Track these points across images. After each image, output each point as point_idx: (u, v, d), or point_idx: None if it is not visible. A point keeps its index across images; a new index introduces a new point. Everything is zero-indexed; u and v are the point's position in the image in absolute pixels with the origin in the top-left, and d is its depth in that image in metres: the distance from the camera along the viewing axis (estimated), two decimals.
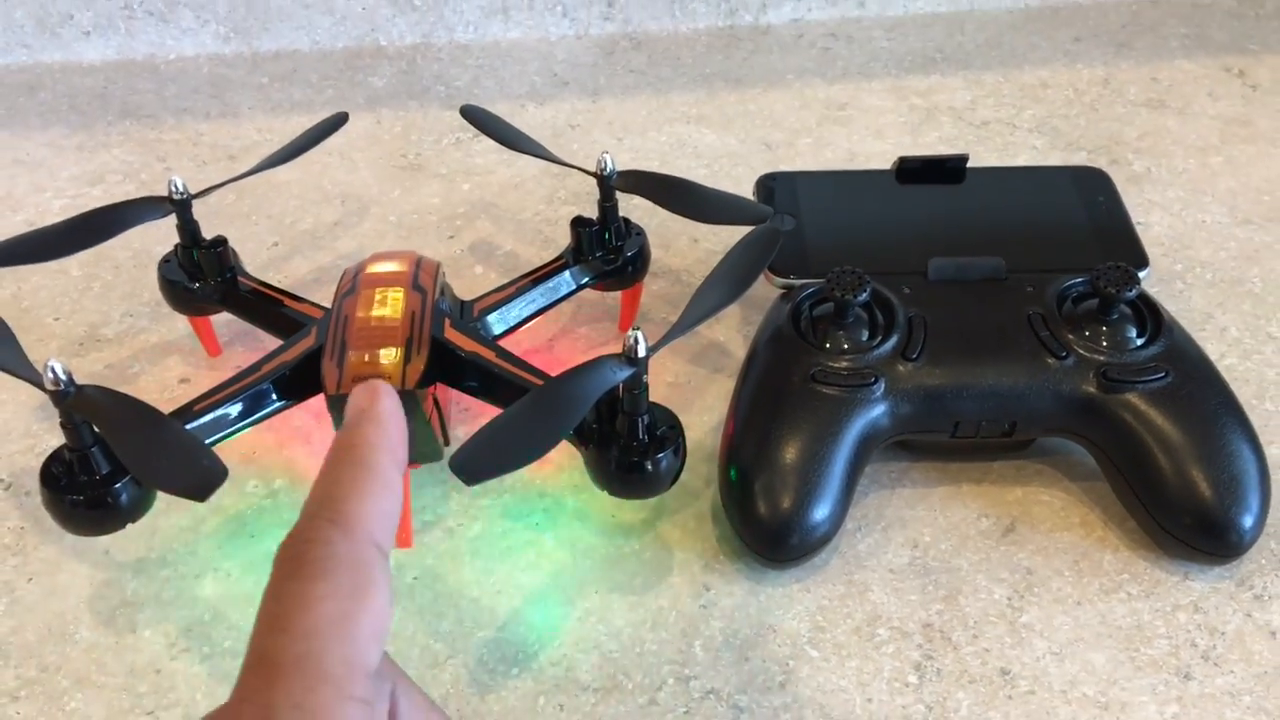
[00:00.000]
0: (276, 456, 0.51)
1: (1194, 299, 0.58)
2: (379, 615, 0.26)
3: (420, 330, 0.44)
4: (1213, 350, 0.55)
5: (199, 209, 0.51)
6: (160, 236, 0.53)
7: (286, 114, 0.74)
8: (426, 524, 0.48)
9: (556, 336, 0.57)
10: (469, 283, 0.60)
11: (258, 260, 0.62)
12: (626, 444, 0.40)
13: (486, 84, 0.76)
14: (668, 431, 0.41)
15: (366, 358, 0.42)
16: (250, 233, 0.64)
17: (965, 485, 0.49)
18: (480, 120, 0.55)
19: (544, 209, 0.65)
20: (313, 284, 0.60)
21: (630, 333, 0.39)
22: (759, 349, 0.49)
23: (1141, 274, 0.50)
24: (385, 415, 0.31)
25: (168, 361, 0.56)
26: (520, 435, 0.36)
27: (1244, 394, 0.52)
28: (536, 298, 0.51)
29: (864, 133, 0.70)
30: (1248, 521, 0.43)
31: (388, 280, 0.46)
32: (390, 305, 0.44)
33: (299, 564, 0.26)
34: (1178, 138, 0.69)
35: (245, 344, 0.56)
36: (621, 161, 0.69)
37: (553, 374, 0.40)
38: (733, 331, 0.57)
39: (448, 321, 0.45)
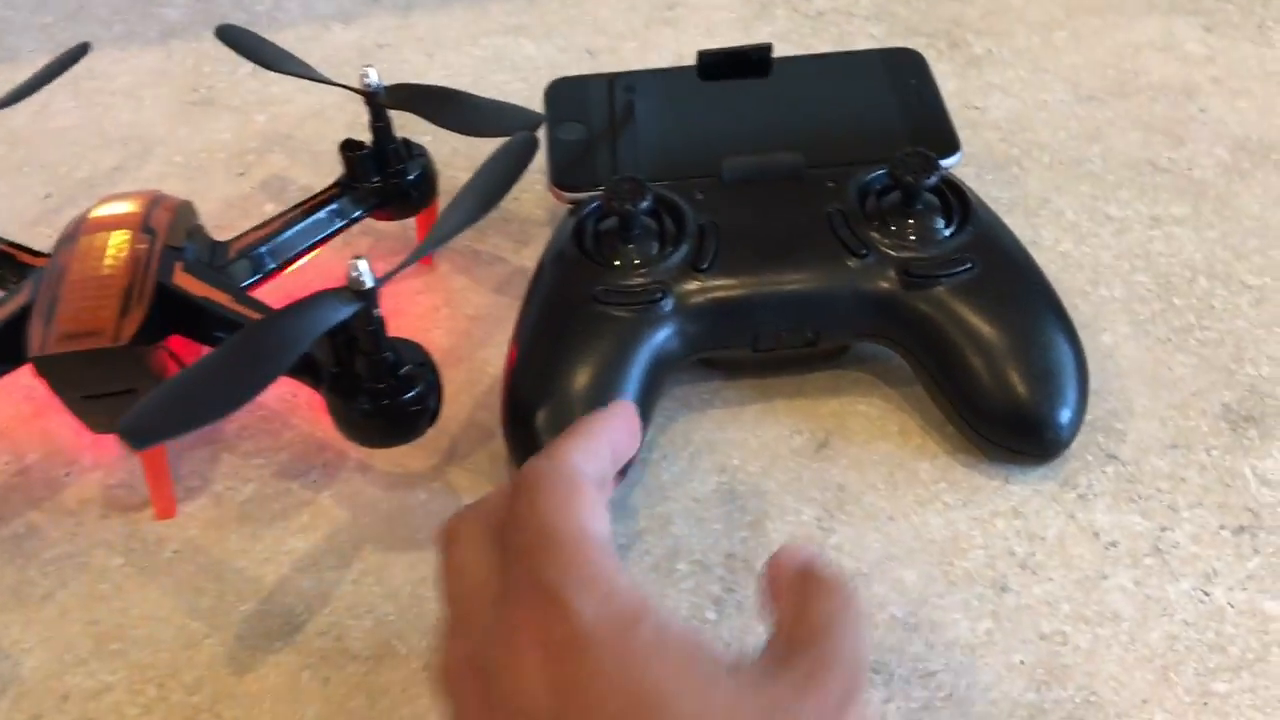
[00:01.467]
0: (31, 428, 0.46)
1: (1030, 184, 0.54)
2: (589, 502, 0.30)
3: (144, 277, 0.39)
4: (1048, 236, 0.51)
5: None
6: None
7: None
8: (191, 490, 0.44)
9: None
10: (257, 222, 0.55)
11: (28, 215, 0.57)
12: (369, 387, 0.36)
13: (289, 6, 0.70)
14: (415, 369, 0.37)
15: (77, 312, 0.38)
16: (21, 185, 0.58)
17: (779, 400, 0.45)
18: (238, 41, 0.50)
19: (344, 136, 0.60)
20: None
21: (353, 261, 0.34)
22: (543, 269, 0.45)
23: (953, 159, 0.46)
24: (618, 412, 0.35)
25: None
26: (210, 388, 0.31)
27: (1078, 280, 0.49)
28: (305, 231, 0.47)
29: (694, 32, 0.66)
30: (1064, 416, 0.40)
31: (112, 224, 0.41)
32: (110, 251, 0.40)
33: (523, 486, 0.30)
34: (1021, 14, 0.65)
35: None
36: (431, 81, 0.63)
37: None
38: (540, 255, 0.52)
39: (179, 266, 0.40)
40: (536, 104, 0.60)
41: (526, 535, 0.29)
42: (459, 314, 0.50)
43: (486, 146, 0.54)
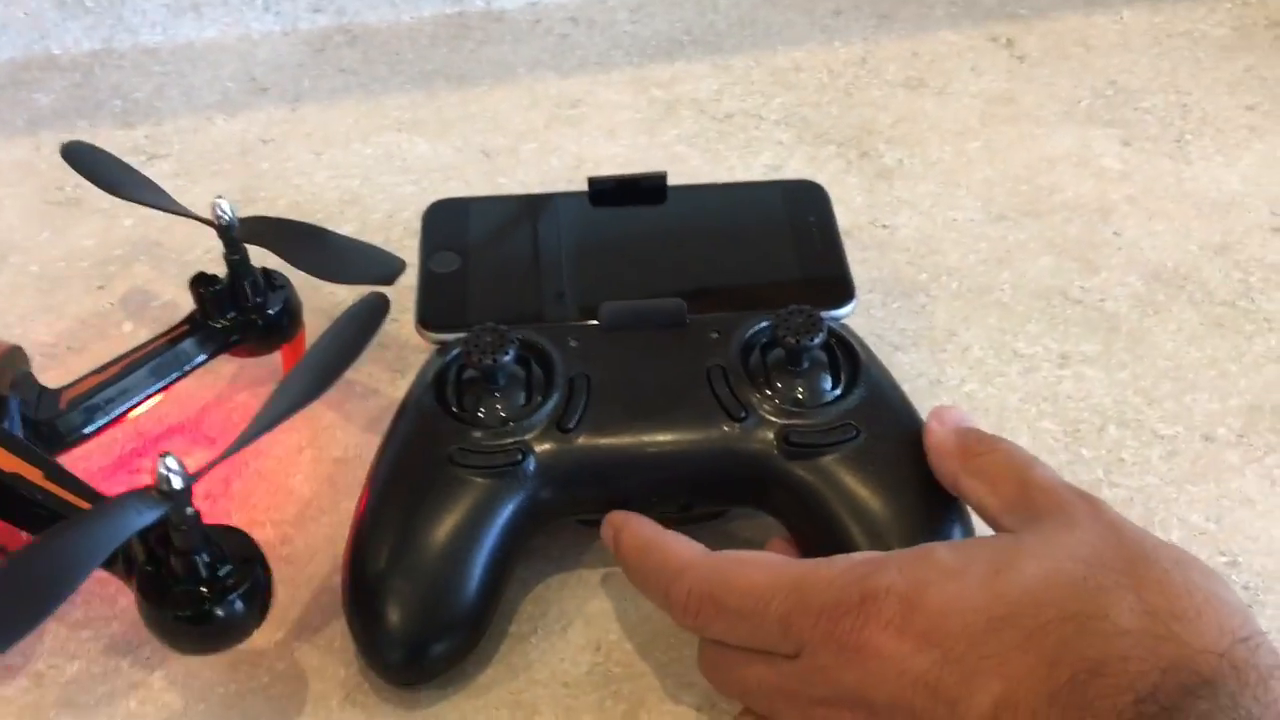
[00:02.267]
0: None
1: (937, 314, 0.52)
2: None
3: None
4: (953, 375, 0.49)
5: None
6: None
7: None
8: (10, 669, 0.40)
9: (210, 406, 0.49)
10: (114, 344, 0.51)
11: None
12: (184, 591, 0.32)
13: (171, 94, 0.66)
14: (239, 567, 0.33)
15: None
16: None
17: None
18: (83, 163, 0.46)
19: (216, 246, 0.55)
20: None
21: (162, 459, 0.30)
22: (402, 417, 0.41)
23: (847, 308, 0.43)
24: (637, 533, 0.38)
25: None
26: None
27: (983, 425, 0.46)
28: (147, 376, 0.43)
29: (596, 133, 0.63)
30: None
31: None
32: None
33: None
34: (935, 122, 0.63)
35: None
36: (317, 183, 0.60)
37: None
38: None
39: None
40: (425, 204, 0.57)
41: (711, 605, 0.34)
42: (325, 456, 0.47)
43: None
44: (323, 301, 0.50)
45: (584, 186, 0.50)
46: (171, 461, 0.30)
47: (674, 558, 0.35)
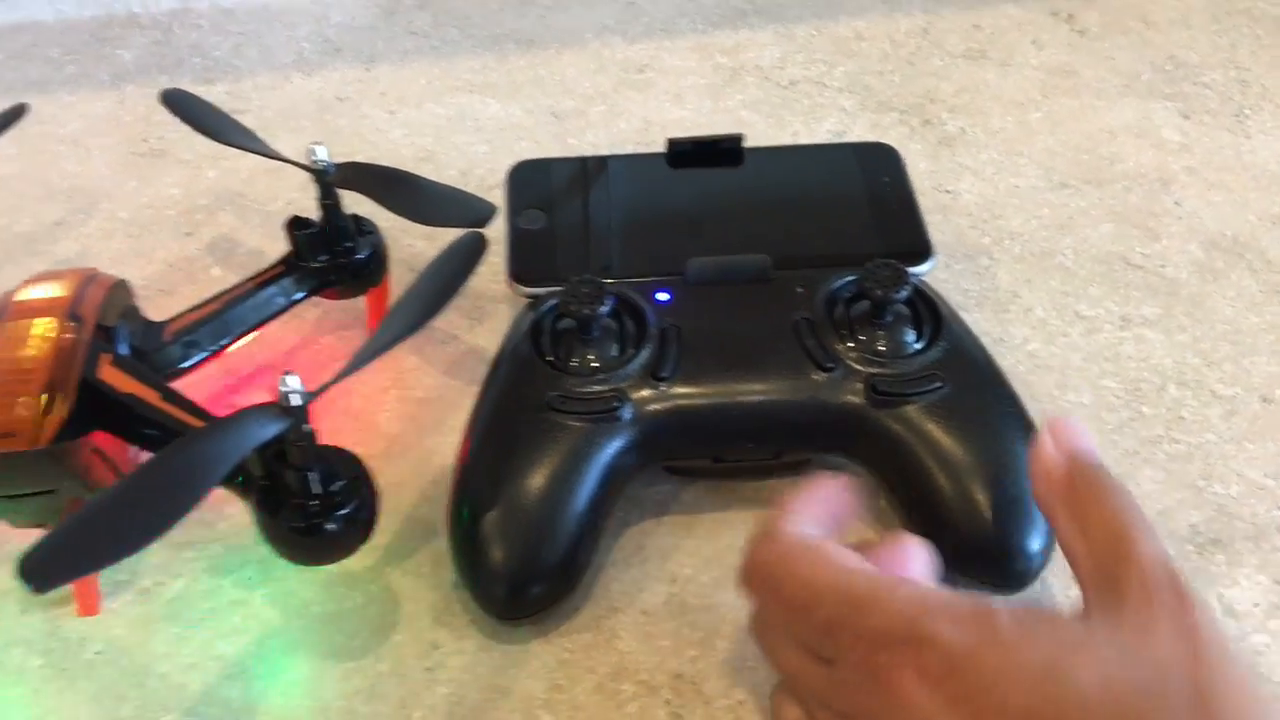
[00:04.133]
0: None
1: (1000, 276, 0.53)
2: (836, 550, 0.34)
3: (68, 372, 0.37)
4: (1016, 334, 0.50)
5: None
6: None
7: (19, 95, 0.65)
8: (117, 585, 0.42)
9: (297, 347, 0.51)
10: (202, 287, 0.53)
11: None
12: (299, 503, 0.34)
13: (249, 53, 0.68)
14: (348, 484, 0.35)
15: None
16: None
17: (735, 507, 0.44)
18: (182, 107, 0.48)
19: (298, 197, 0.58)
20: None
21: (284, 377, 0.32)
22: (499, 367, 0.43)
23: (924, 267, 0.45)
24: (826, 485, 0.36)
25: None
26: (123, 519, 0.29)
27: (1046, 383, 0.48)
28: (246, 314, 0.45)
29: (663, 98, 0.64)
30: (1034, 545, 0.39)
31: (38, 309, 0.39)
32: (34, 342, 0.38)
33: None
34: (996, 92, 0.64)
35: None
36: (392, 140, 0.62)
37: None
38: (496, 336, 0.50)
39: (107, 358, 0.38)
40: (497, 166, 0.59)
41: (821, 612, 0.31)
42: (408, 397, 0.49)
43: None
44: (402, 252, 0.52)
45: (656, 148, 0.51)
46: (293, 380, 0.32)
47: (770, 523, 0.35)
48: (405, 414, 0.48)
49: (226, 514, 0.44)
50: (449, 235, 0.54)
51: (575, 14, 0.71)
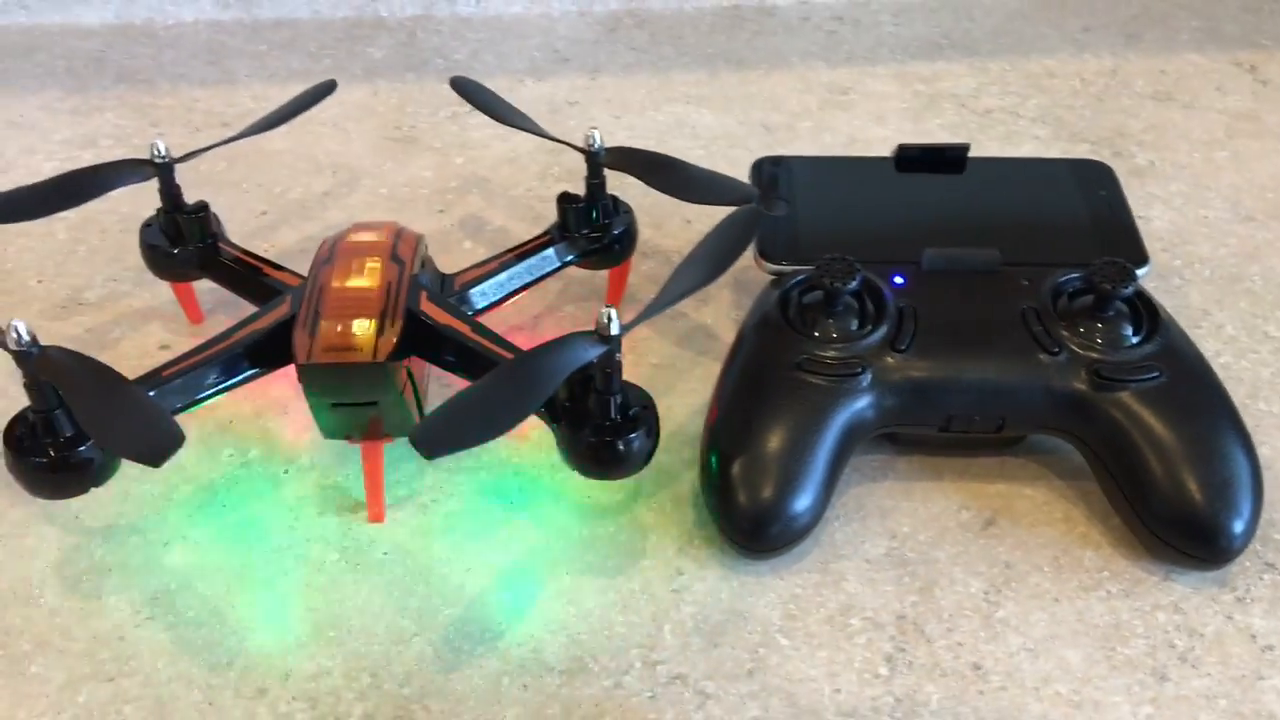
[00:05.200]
0: (253, 425, 0.51)
1: (1191, 295, 0.57)
2: None
3: (395, 302, 0.43)
4: (1208, 348, 0.54)
5: (190, 177, 0.50)
6: (149, 202, 0.52)
7: (283, 82, 0.73)
8: (400, 499, 0.47)
9: (542, 314, 0.56)
10: (457, 258, 0.60)
11: (246, 228, 0.61)
12: (598, 423, 0.40)
13: (486, 58, 0.75)
14: (641, 412, 0.40)
15: (339, 328, 0.42)
16: (240, 200, 0.63)
17: (948, 477, 0.48)
18: (471, 93, 0.54)
19: (536, 185, 0.64)
20: (299, 254, 0.59)
21: (604, 309, 0.38)
22: (746, 334, 0.48)
23: (1140, 271, 0.49)
24: None
25: (149, 327, 0.56)
26: (486, 409, 0.35)
27: (1238, 394, 0.51)
28: (520, 273, 0.50)
29: (865, 118, 0.69)
30: (1238, 527, 0.42)
31: (366, 250, 0.45)
32: (367, 275, 0.44)
33: None
34: (1183, 131, 0.68)
35: (228, 311, 0.55)
36: (618, 141, 0.68)
37: None
38: (721, 315, 0.56)
39: (424, 294, 0.44)
40: (715, 166, 0.63)
41: None
42: (643, 361, 0.54)
43: (673, 209, 0.57)
44: (645, 246, 0.58)
45: None
46: (613, 312, 0.38)
47: None
48: (641, 377, 0.53)
49: (489, 448, 0.50)
50: (671, 225, 0.60)
51: (780, 39, 0.76)
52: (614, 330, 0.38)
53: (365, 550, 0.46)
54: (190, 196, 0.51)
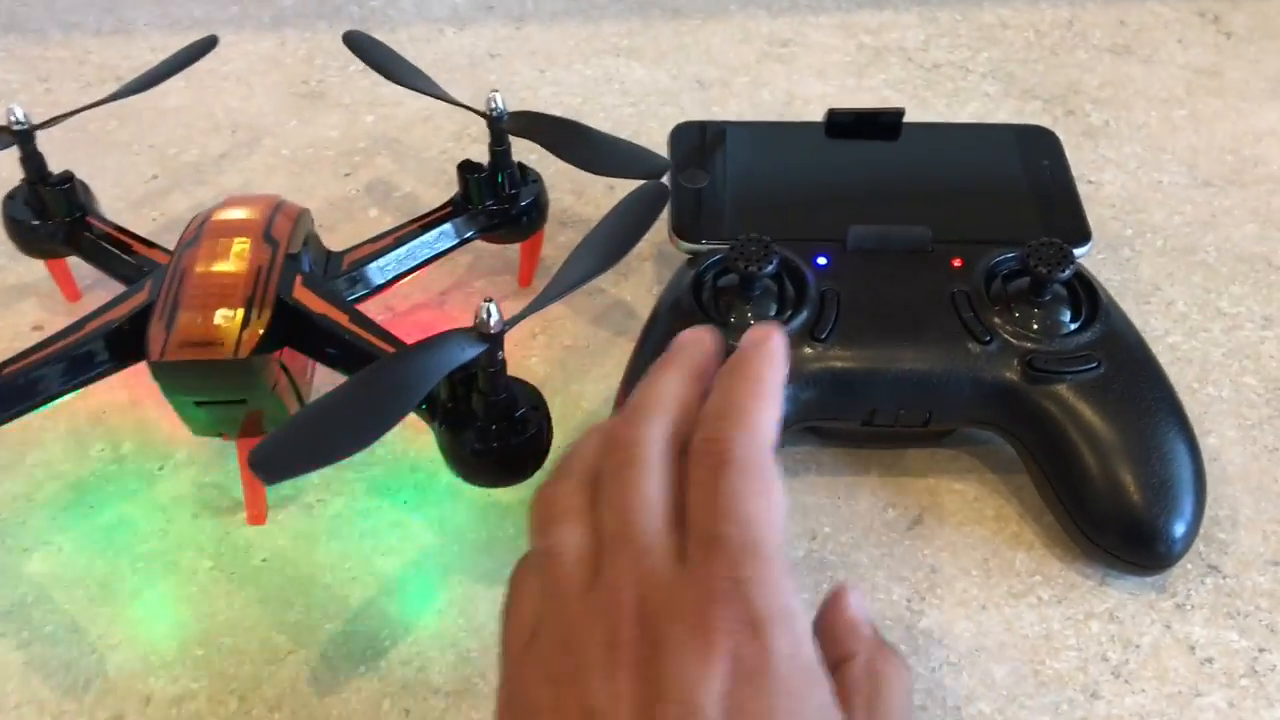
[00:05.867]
0: (128, 416, 0.47)
1: (1142, 268, 0.53)
2: (782, 509, 0.30)
3: (265, 288, 0.39)
4: (1157, 326, 0.51)
5: (76, 137, 0.46)
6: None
7: (184, 32, 0.68)
8: (283, 499, 0.44)
9: (450, 290, 0.52)
10: (361, 226, 0.55)
11: (133, 195, 0.57)
12: (482, 426, 0.36)
13: (403, 4, 0.70)
14: (529, 413, 0.37)
15: (200, 319, 0.38)
16: (129, 163, 0.59)
17: (873, 472, 0.45)
18: (364, 49, 0.50)
19: (451, 146, 0.60)
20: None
21: (482, 304, 0.34)
22: (659, 317, 0.44)
23: (1082, 249, 0.45)
24: (778, 348, 0.33)
25: (21, 305, 0.51)
26: (340, 423, 0.31)
27: (1186, 376, 0.48)
28: (416, 250, 0.46)
29: (805, 73, 0.65)
30: (1179, 530, 0.39)
31: (235, 229, 0.41)
32: (234, 259, 0.40)
33: (724, 461, 0.30)
34: (1141, 88, 0.64)
35: (109, 287, 0.51)
36: (541, 98, 0.64)
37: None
38: (641, 290, 0.52)
39: (299, 279, 0.40)
40: (643, 128, 0.60)
41: (733, 531, 0.28)
42: (555, 343, 0.50)
43: (576, 175, 0.53)
44: (551, 206, 0.54)
45: (804, 119, 0.52)
46: (493, 306, 0.34)
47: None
48: (553, 359, 0.50)
49: (385, 440, 0.46)
50: (594, 192, 0.56)
51: None
52: (494, 328, 0.34)
53: (242, 557, 0.42)
54: (77, 158, 0.47)
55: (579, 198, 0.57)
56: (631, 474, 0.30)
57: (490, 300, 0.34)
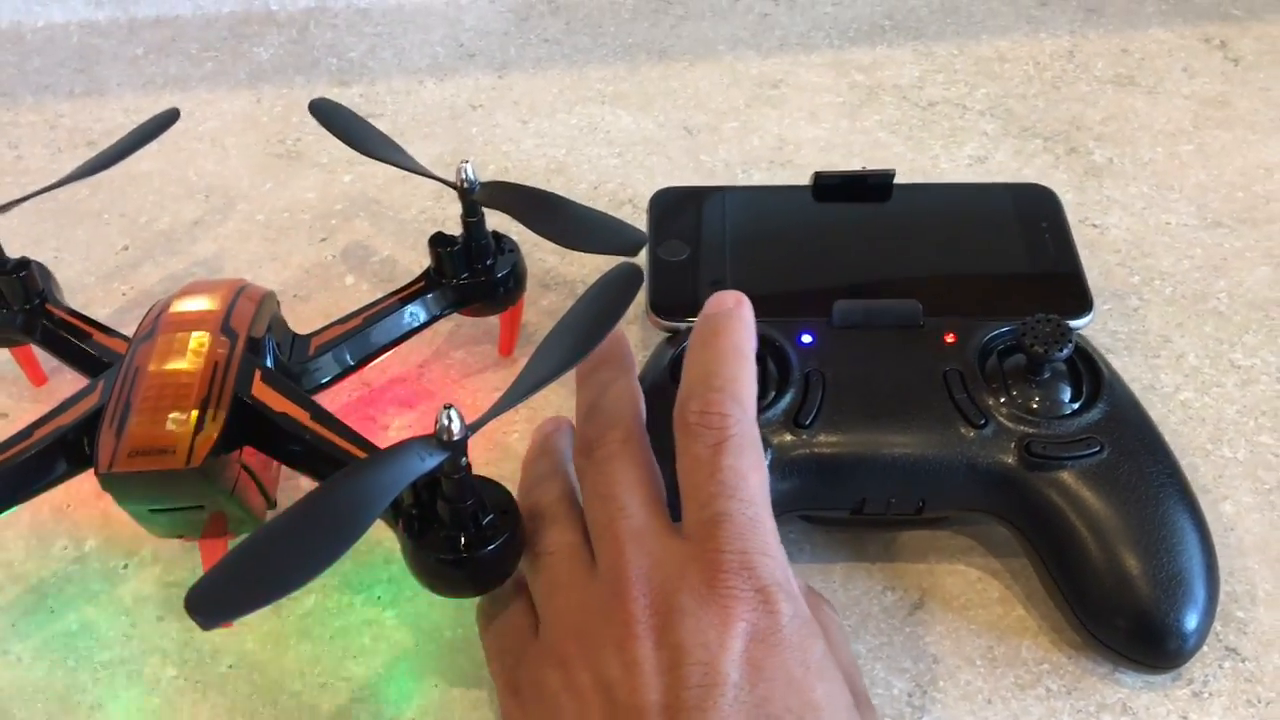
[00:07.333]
0: (92, 510, 0.45)
1: (1150, 318, 0.51)
2: (767, 480, 0.33)
3: (222, 387, 0.37)
4: (1168, 382, 0.48)
5: (48, 207, 0.45)
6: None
7: (159, 91, 0.66)
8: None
9: (429, 361, 0.51)
10: (337, 295, 0.54)
11: (104, 267, 0.55)
12: (448, 535, 0.34)
13: (383, 55, 0.68)
14: (498, 519, 0.35)
15: (150, 424, 0.36)
16: (99, 234, 0.57)
17: (871, 554, 0.43)
18: (329, 118, 0.48)
19: (431, 206, 0.58)
20: (160, 296, 0.53)
21: (442, 411, 0.32)
22: None
23: (1083, 320, 0.43)
24: (749, 313, 0.36)
25: None
26: (287, 553, 0.29)
27: (1199, 437, 0.46)
28: (388, 329, 0.45)
29: (797, 115, 0.63)
30: (1190, 624, 0.37)
31: (192, 322, 0.39)
32: (190, 355, 0.38)
33: (724, 438, 0.33)
34: (1146, 121, 0.61)
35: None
36: (524, 151, 0.62)
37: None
38: None
39: (258, 374, 0.38)
40: (629, 179, 0.58)
41: (735, 507, 0.32)
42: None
43: None
44: (534, 267, 0.52)
45: (791, 168, 0.50)
46: (454, 413, 0.32)
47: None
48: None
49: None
50: (582, 258, 0.54)
51: (709, 24, 0.70)
52: (456, 434, 0.32)
53: (208, 664, 0.40)
54: (45, 230, 0.45)
55: (562, 258, 0.55)
56: (611, 467, 0.34)
57: (450, 406, 0.32)
